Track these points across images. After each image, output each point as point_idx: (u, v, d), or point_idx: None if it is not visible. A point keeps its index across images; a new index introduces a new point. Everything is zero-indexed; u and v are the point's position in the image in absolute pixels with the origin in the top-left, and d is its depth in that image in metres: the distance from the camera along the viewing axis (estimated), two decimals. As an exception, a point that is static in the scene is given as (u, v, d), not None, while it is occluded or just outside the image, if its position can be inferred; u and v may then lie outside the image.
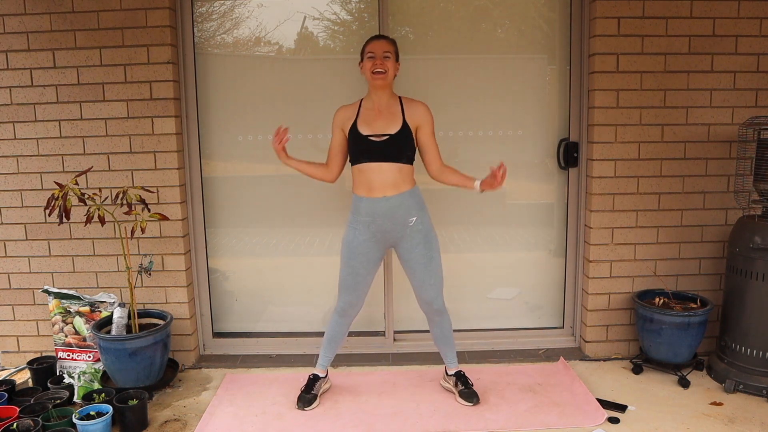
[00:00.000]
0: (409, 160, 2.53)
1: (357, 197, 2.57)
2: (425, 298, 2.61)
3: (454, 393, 2.72)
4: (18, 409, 2.45)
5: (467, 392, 2.66)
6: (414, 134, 2.54)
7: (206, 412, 2.66)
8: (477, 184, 2.53)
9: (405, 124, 2.50)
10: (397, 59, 2.55)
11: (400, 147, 2.48)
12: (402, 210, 2.52)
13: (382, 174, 2.48)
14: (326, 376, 2.81)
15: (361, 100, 2.61)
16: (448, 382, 2.75)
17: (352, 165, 2.57)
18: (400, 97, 2.59)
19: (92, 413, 2.45)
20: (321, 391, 2.77)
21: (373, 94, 2.55)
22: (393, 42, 2.55)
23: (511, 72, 3.21)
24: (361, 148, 2.50)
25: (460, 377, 2.72)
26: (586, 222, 3.18)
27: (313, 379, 2.75)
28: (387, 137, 2.47)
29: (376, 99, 2.55)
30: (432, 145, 2.58)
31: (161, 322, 2.96)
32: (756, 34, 2.97)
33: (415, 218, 2.54)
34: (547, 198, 3.34)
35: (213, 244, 3.34)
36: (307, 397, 2.69)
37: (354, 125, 2.53)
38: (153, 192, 2.97)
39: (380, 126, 2.50)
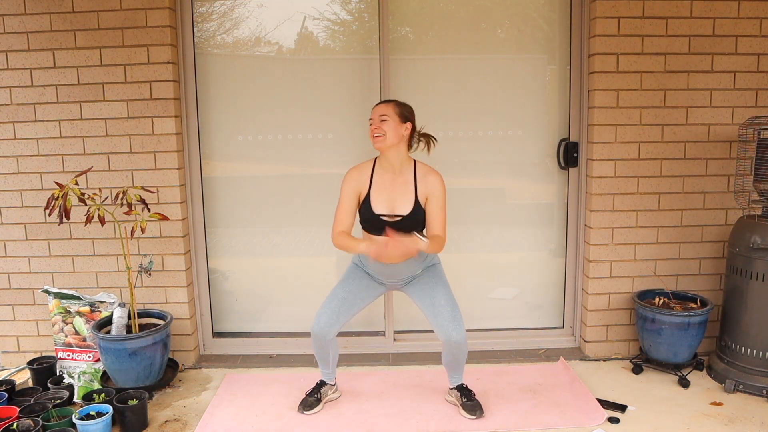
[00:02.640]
0: (420, 233, 2.50)
1: (365, 255, 2.54)
2: (442, 323, 2.45)
3: (457, 406, 2.67)
4: (18, 409, 2.45)
5: (470, 404, 2.60)
6: (425, 205, 2.49)
7: (206, 412, 2.66)
8: (422, 242, 2.39)
9: (417, 202, 2.45)
10: (404, 120, 2.46)
11: (411, 226, 2.45)
12: (408, 271, 2.55)
13: None
14: (334, 384, 2.79)
15: (375, 159, 2.55)
16: (451, 396, 2.72)
17: (363, 230, 2.55)
18: (415, 162, 2.53)
19: (92, 413, 2.45)
20: (326, 398, 2.74)
21: (384, 157, 2.50)
22: (397, 104, 2.48)
23: (511, 72, 3.21)
24: (372, 224, 2.48)
25: (462, 390, 2.66)
26: (586, 222, 3.18)
27: (320, 384, 2.74)
28: (399, 218, 2.45)
29: (386, 163, 2.50)
30: (437, 217, 2.48)
31: (161, 322, 2.96)
32: (756, 34, 2.97)
33: (420, 269, 2.58)
34: (547, 198, 3.34)
35: (213, 244, 3.34)
36: (309, 400, 2.67)
37: (368, 198, 2.47)
38: (153, 192, 2.97)
39: (393, 202, 2.45)
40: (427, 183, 2.48)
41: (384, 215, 2.45)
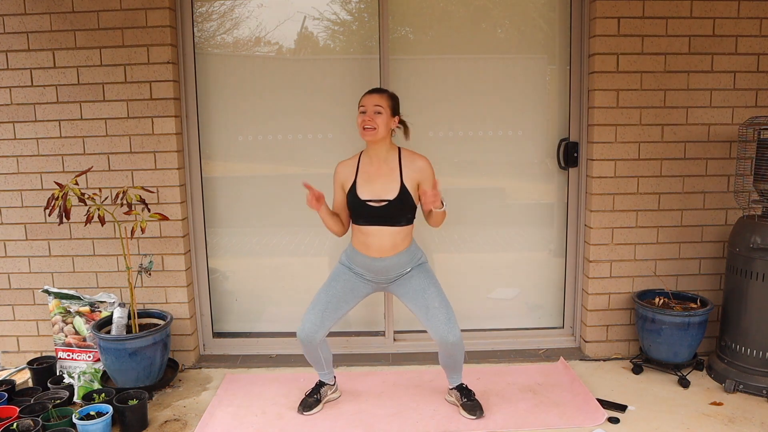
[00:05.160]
0: (409, 221, 2.50)
1: (354, 249, 2.55)
2: (437, 326, 2.45)
3: (457, 406, 2.66)
4: (18, 409, 2.45)
5: (470, 404, 2.59)
6: (415, 191, 2.47)
7: (206, 412, 2.66)
8: (436, 210, 2.41)
9: (403, 187, 2.43)
10: (394, 113, 2.46)
11: (398, 211, 2.44)
12: (397, 267, 2.52)
13: (381, 237, 2.45)
14: (334, 384, 2.79)
15: (361, 153, 2.56)
16: (451, 396, 2.72)
17: (352, 222, 2.56)
18: (399, 150, 2.51)
19: (92, 413, 2.45)
20: (326, 398, 2.74)
21: (370, 148, 2.49)
22: (390, 96, 2.46)
23: (511, 72, 3.21)
24: (359, 212, 2.47)
25: (462, 390, 2.66)
26: (586, 222, 3.18)
27: (319, 385, 2.74)
28: (385, 203, 2.43)
29: (373, 153, 2.49)
30: None
31: (161, 322, 2.96)
32: (756, 34, 2.97)
33: (409, 269, 2.54)
34: (547, 198, 3.34)
35: (213, 244, 3.34)
36: (309, 401, 2.67)
37: (353, 187, 2.48)
38: (153, 192, 2.97)
39: (379, 188, 2.45)
40: (414, 168, 2.47)
41: (370, 201, 2.44)
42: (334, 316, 2.54)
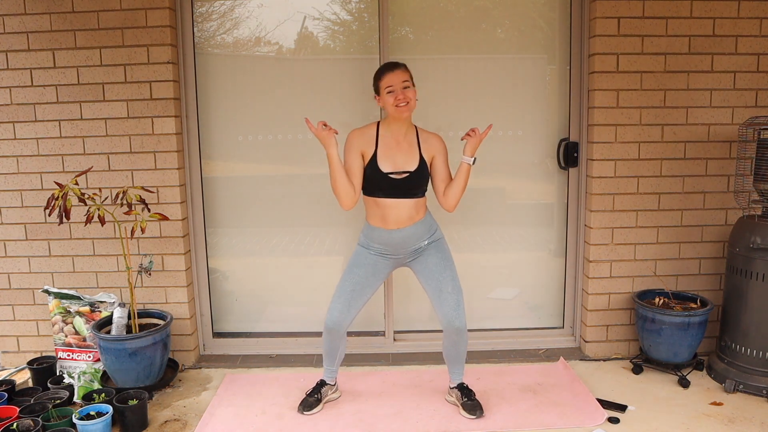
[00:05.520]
0: (424, 193, 2.55)
1: (370, 226, 2.57)
2: (445, 311, 2.50)
3: (458, 406, 2.67)
4: (18, 409, 2.45)
5: (470, 404, 2.60)
6: (430, 164, 2.55)
7: (206, 412, 2.66)
8: (465, 159, 2.52)
9: (422, 159, 2.50)
10: (414, 85, 2.49)
11: (418, 183, 2.49)
12: (415, 238, 2.54)
13: (399, 209, 2.48)
14: (335, 384, 2.79)
15: (377, 125, 2.55)
16: (451, 395, 2.72)
17: (365, 195, 2.54)
18: (416, 127, 2.57)
19: (92, 413, 2.45)
20: (326, 398, 2.74)
21: (393, 123, 2.50)
22: (406, 67, 2.50)
23: (511, 72, 3.21)
24: (379, 184, 2.48)
25: (463, 389, 2.66)
26: (586, 222, 3.18)
27: (320, 384, 2.74)
28: (407, 174, 2.46)
29: (396, 128, 2.51)
30: (447, 172, 2.57)
31: (161, 322, 2.96)
32: (756, 34, 2.97)
33: (426, 240, 2.57)
34: (547, 198, 3.34)
35: (213, 244, 3.34)
36: (310, 400, 2.67)
37: (374, 158, 2.48)
38: (153, 192, 2.97)
39: (400, 161, 2.48)
40: (430, 143, 2.55)
41: (392, 173, 2.46)
42: (360, 301, 2.58)
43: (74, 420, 2.39)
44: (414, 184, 2.48)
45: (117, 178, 3.05)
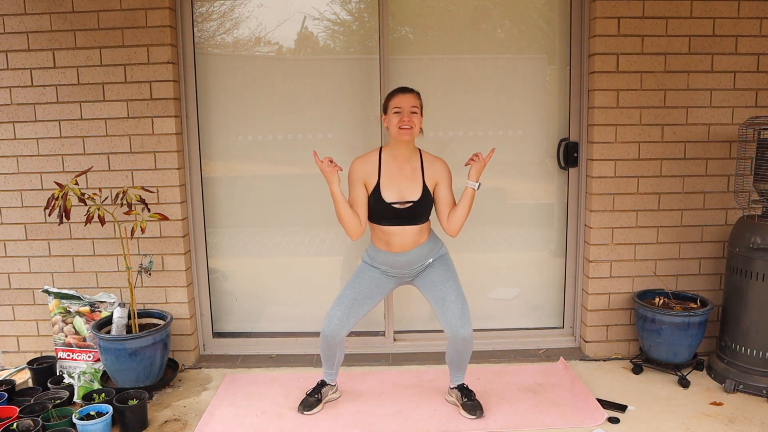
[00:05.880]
0: (427, 218, 2.54)
1: (374, 248, 2.57)
2: (450, 320, 2.48)
3: (458, 406, 2.67)
4: (18, 409, 2.45)
5: (470, 404, 2.60)
6: (433, 190, 2.53)
7: (206, 412, 2.66)
8: (470, 184, 2.51)
9: (425, 187, 2.49)
10: (422, 113, 2.48)
11: (422, 212, 2.49)
12: (419, 259, 2.55)
13: (403, 236, 2.49)
14: (335, 384, 2.79)
15: (380, 150, 2.55)
16: (451, 396, 2.72)
17: (370, 222, 2.55)
18: (420, 151, 2.56)
19: (92, 413, 2.45)
20: (327, 398, 2.74)
21: (395, 147, 2.50)
22: (419, 95, 2.49)
23: (511, 72, 3.21)
24: (383, 214, 2.48)
25: (463, 389, 2.67)
26: (586, 222, 3.18)
27: (320, 384, 2.74)
28: (410, 204, 2.46)
29: (399, 153, 2.50)
30: (450, 197, 2.54)
31: (161, 322, 2.96)
32: (756, 34, 2.97)
33: (431, 258, 2.57)
34: (547, 198, 3.34)
35: (213, 244, 3.34)
36: (310, 400, 2.67)
37: (377, 188, 2.47)
38: (153, 192, 2.97)
39: (403, 189, 2.47)
40: (434, 169, 2.53)
41: (395, 203, 2.46)
42: (359, 312, 2.57)
43: (74, 420, 2.39)
44: (418, 212, 2.48)
45: (117, 178, 3.05)
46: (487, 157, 2.52)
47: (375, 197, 2.48)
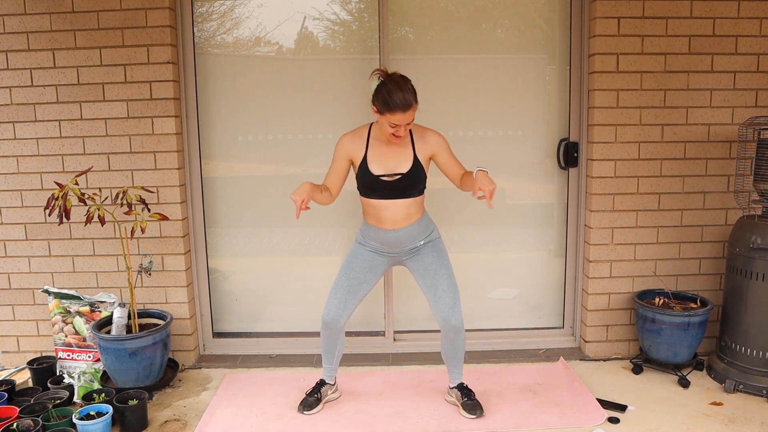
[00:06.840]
0: (421, 192, 2.51)
1: (366, 225, 2.56)
2: (441, 309, 2.50)
3: (458, 406, 2.67)
4: (18, 409, 2.45)
5: (470, 404, 2.60)
6: (427, 163, 2.49)
7: (206, 412, 2.66)
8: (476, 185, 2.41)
9: (416, 160, 2.45)
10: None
11: (412, 184, 2.45)
12: (411, 238, 2.53)
13: (394, 210, 2.46)
14: (334, 384, 2.79)
15: (369, 127, 2.53)
16: (451, 395, 2.72)
17: (361, 196, 2.53)
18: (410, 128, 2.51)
19: (92, 413, 2.45)
20: (326, 398, 2.74)
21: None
22: (416, 103, 2.35)
23: (511, 72, 3.21)
24: (372, 187, 2.46)
25: (463, 389, 2.67)
26: (586, 222, 3.18)
27: (320, 384, 2.74)
28: (399, 176, 2.43)
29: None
30: (456, 162, 2.51)
31: (161, 322, 2.96)
32: (756, 34, 2.97)
33: (423, 241, 2.55)
34: (547, 198, 3.34)
35: (213, 244, 3.34)
36: (310, 400, 2.67)
37: (364, 162, 2.46)
38: (153, 192, 2.97)
39: (392, 164, 2.44)
40: (427, 141, 2.48)
41: (383, 175, 2.43)
42: (356, 297, 2.57)
43: (74, 420, 2.39)
44: (408, 184, 2.45)
45: (117, 178, 3.05)
46: (492, 191, 2.26)
47: (363, 171, 2.46)
